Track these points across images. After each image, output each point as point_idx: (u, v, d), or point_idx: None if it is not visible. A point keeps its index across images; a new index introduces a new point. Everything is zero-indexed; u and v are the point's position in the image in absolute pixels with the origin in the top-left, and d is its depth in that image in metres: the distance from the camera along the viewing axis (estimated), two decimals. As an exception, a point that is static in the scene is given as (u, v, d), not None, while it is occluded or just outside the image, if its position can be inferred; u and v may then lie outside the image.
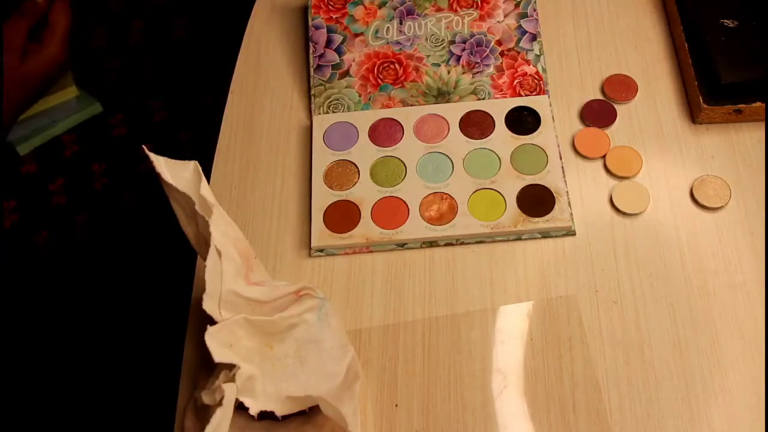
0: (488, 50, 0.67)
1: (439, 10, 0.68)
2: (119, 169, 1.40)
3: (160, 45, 1.56)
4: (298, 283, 0.49)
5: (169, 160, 0.45)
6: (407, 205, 0.60)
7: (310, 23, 0.69)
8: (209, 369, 0.47)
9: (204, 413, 0.43)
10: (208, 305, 0.43)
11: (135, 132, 1.45)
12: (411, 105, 0.66)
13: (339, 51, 0.68)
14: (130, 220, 1.34)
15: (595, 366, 0.53)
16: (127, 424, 1.10)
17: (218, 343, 0.42)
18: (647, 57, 0.67)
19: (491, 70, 0.66)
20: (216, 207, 0.45)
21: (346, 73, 0.67)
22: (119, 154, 1.42)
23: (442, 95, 0.66)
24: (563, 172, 0.61)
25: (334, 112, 0.66)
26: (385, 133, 0.65)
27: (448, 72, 0.66)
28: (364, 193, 0.61)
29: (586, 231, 0.59)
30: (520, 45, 0.66)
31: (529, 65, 0.66)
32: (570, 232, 0.59)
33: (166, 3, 1.60)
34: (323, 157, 0.64)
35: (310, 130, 0.66)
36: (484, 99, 0.65)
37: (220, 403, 0.40)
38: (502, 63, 0.66)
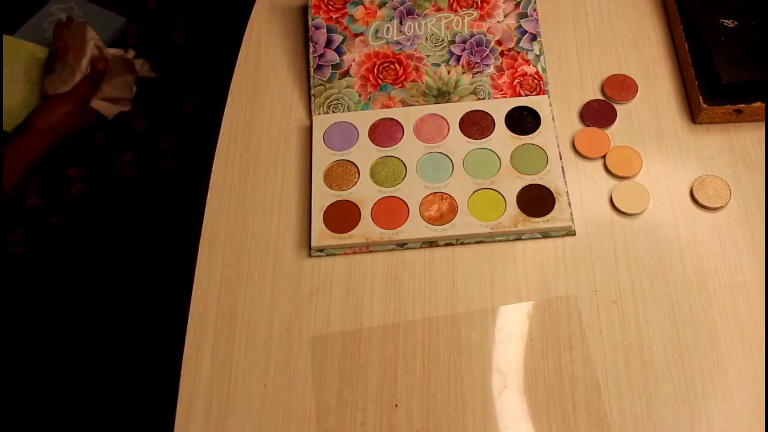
0: (488, 50, 0.67)
1: (439, 10, 0.68)
2: (134, 165, 1.40)
3: (159, 44, 1.56)
4: None
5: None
6: (407, 205, 0.60)
7: (310, 23, 0.69)
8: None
9: None
10: None
11: (133, 131, 1.44)
12: (411, 105, 0.66)
13: (339, 51, 0.68)
14: (129, 219, 1.34)
15: (595, 366, 0.53)
16: (128, 424, 1.10)
17: None
18: (647, 57, 0.67)
19: (491, 70, 0.66)
20: None
21: (346, 73, 0.67)
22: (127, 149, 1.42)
23: (442, 95, 0.66)
24: (563, 172, 0.61)
25: (334, 112, 0.66)
26: (385, 133, 0.65)
27: (448, 72, 0.66)
28: (364, 193, 0.61)
29: (586, 231, 0.59)
30: (520, 45, 0.66)
31: (529, 65, 0.66)
32: (570, 232, 0.59)
33: (166, 2, 1.59)
34: (323, 157, 0.64)
35: (310, 130, 0.66)
36: (484, 99, 0.65)
37: None
38: (502, 63, 0.66)
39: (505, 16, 0.68)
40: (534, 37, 0.67)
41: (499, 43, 0.67)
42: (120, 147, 1.45)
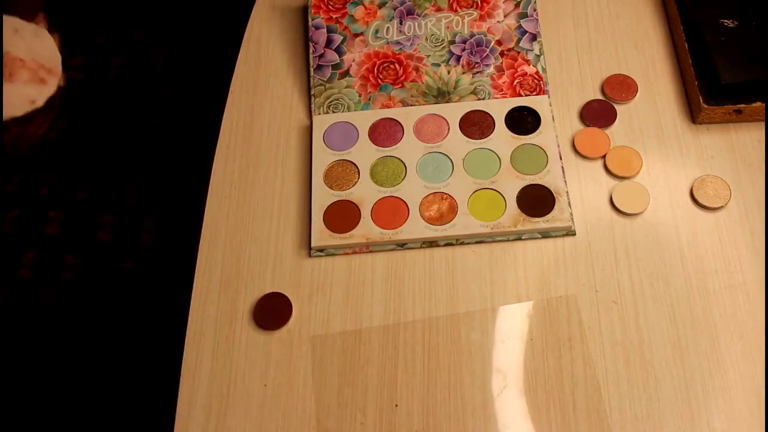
0: (488, 50, 0.67)
1: (439, 10, 0.68)
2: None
3: (159, 45, 1.56)
4: None
5: None
6: (407, 205, 0.60)
7: (310, 23, 0.69)
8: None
9: None
10: None
11: (133, 130, 1.44)
12: (411, 105, 0.66)
13: (339, 51, 0.68)
14: (130, 220, 1.34)
15: (595, 366, 0.53)
16: (128, 424, 1.10)
17: None
18: (647, 57, 0.67)
19: (491, 70, 0.66)
20: None
21: (346, 73, 0.67)
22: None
23: (442, 95, 0.66)
24: (563, 172, 0.61)
25: (334, 112, 0.66)
26: (385, 133, 0.65)
27: (448, 72, 0.66)
28: (364, 193, 0.61)
29: (586, 231, 0.59)
30: (520, 45, 0.66)
31: (529, 65, 0.66)
32: (570, 232, 0.59)
33: (165, 2, 1.59)
34: (323, 157, 0.64)
35: (310, 130, 0.66)
36: (484, 99, 0.65)
37: None
38: (502, 63, 0.66)
39: (505, 16, 0.68)
40: (534, 37, 0.67)
41: (499, 43, 0.67)
42: (120, 147, 1.45)
